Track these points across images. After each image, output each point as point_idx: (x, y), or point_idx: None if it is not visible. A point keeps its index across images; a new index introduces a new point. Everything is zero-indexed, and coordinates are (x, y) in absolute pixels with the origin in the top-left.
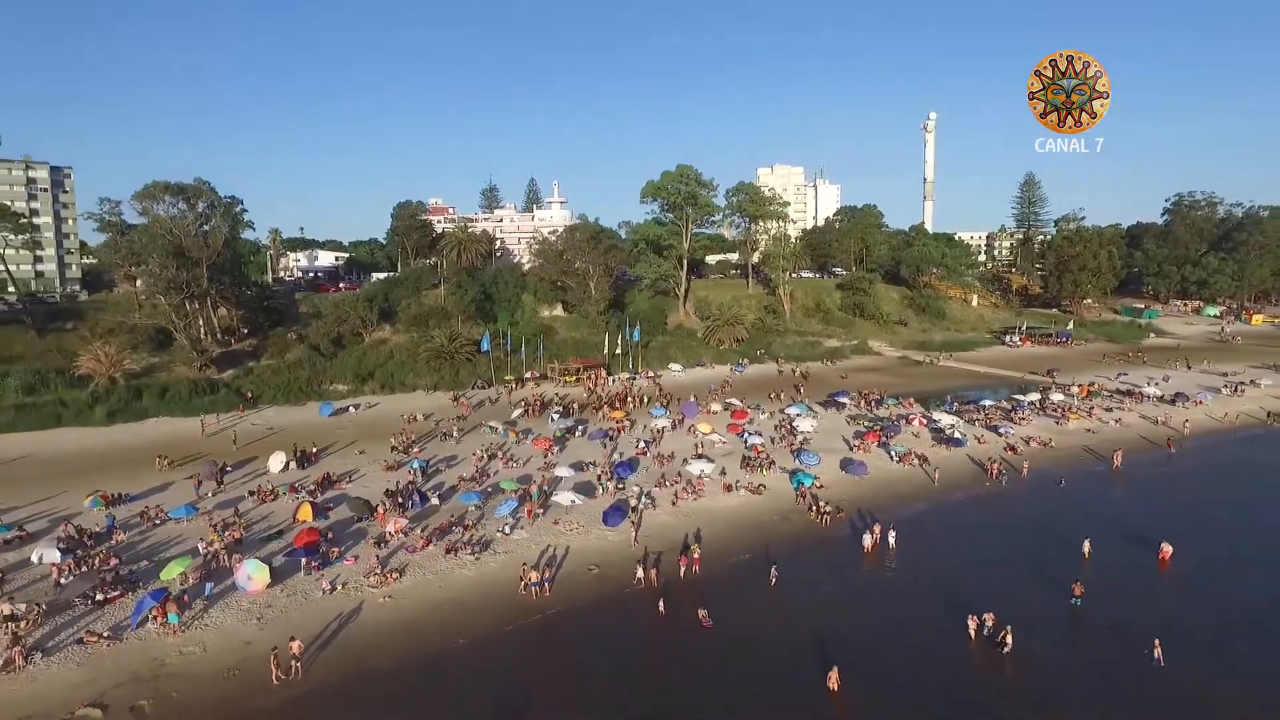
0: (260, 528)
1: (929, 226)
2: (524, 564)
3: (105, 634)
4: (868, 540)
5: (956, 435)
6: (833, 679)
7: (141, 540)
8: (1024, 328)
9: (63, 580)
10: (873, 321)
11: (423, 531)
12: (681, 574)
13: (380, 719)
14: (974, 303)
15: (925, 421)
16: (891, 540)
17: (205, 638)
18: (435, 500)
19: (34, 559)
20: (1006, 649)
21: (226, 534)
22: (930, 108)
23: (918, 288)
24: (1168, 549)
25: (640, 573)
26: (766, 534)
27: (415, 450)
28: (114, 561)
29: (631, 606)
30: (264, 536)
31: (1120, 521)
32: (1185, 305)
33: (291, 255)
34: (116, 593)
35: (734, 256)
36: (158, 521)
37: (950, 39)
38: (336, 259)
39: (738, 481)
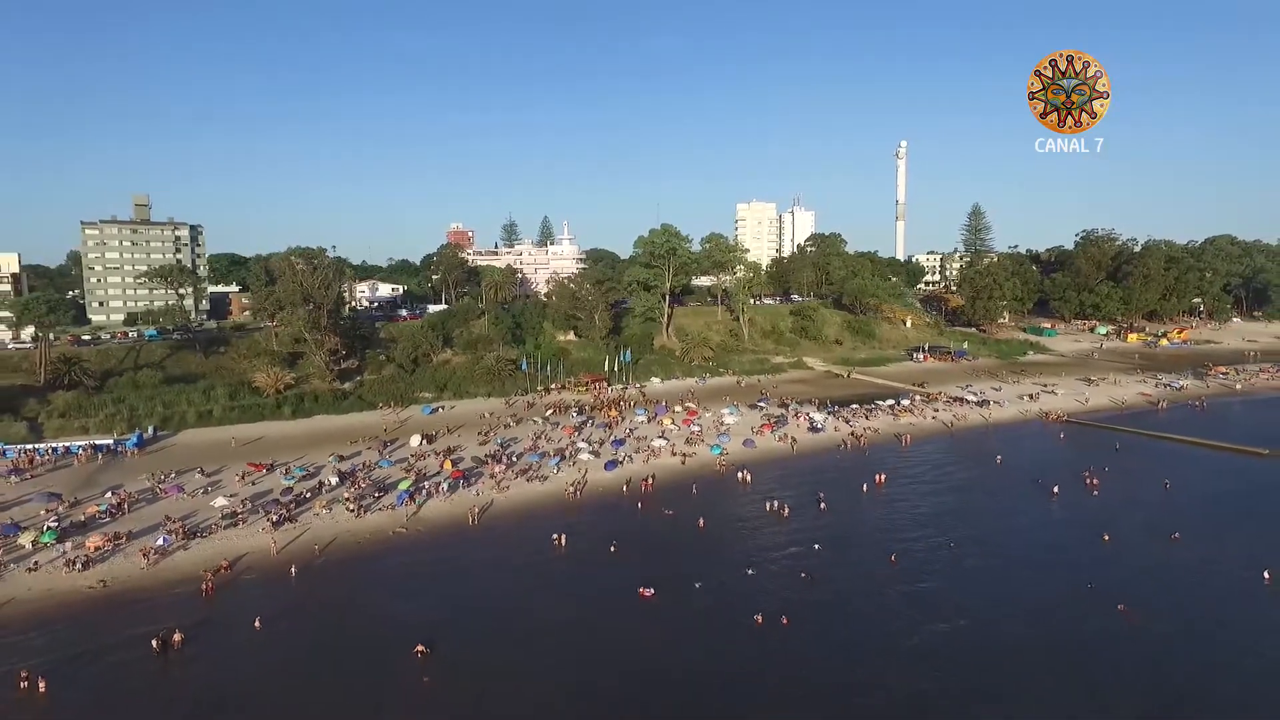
0: (426, 471)
1: (901, 245)
2: (567, 483)
3: (390, 506)
4: (739, 477)
5: (818, 425)
6: (701, 521)
7: (370, 475)
8: (927, 347)
9: (356, 486)
10: (815, 342)
11: (513, 472)
12: (642, 490)
13: (509, 541)
14: (907, 324)
15: (806, 417)
16: (749, 477)
17: (430, 510)
18: (514, 459)
19: (329, 481)
20: (785, 515)
21: (410, 472)
22: (904, 134)
23: (857, 312)
24: (881, 476)
25: (625, 488)
26: (692, 475)
27: (492, 434)
28: (369, 483)
29: (621, 504)
30: (431, 475)
31: (882, 468)
32: (1083, 325)
33: (358, 286)
34: (381, 493)
35: (710, 281)
36: (374, 468)
37: (930, 58)
38: (393, 290)
39: (680, 451)
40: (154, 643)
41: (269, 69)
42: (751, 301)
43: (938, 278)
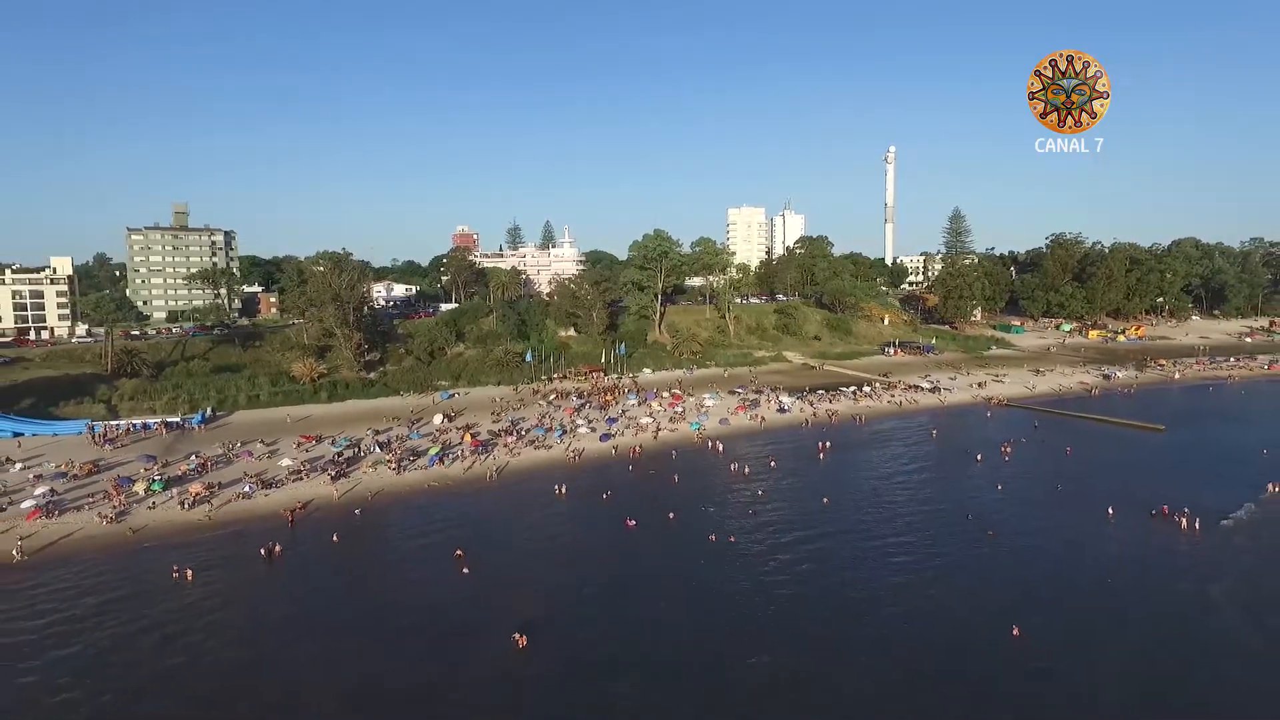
0: (450, 442)
1: (890, 247)
2: (569, 450)
3: (423, 467)
4: (712, 446)
5: (785, 407)
6: (676, 477)
7: (404, 445)
8: (898, 342)
9: (393, 452)
10: (795, 338)
11: (523, 442)
12: (630, 456)
13: (521, 491)
14: (885, 321)
15: (777, 400)
16: (721, 446)
17: (456, 470)
18: (523, 433)
19: (370, 449)
20: (745, 473)
21: (437, 443)
22: (895, 137)
23: (837, 311)
24: (827, 444)
25: (614, 451)
26: (673, 446)
27: (503, 415)
28: (404, 450)
29: (613, 466)
30: (454, 444)
31: (834, 439)
32: (1050, 322)
33: (375, 286)
34: (415, 458)
35: (701, 282)
36: (405, 440)
37: (923, 55)
38: (407, 290)
39: (663, 427)
40: (262, 551)
41: (270, 71)
42: (738, 301)
43: (921, 278)
